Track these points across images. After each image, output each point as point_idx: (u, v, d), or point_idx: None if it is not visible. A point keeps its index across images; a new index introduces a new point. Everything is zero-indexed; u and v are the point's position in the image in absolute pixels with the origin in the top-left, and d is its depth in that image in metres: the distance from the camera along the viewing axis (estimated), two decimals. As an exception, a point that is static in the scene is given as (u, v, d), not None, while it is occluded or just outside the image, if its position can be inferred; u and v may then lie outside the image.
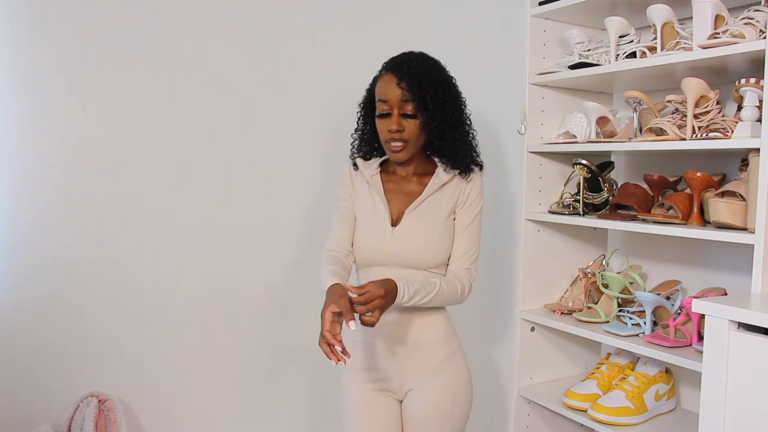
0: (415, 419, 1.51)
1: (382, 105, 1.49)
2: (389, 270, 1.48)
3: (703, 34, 1.42)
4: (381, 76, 1.52)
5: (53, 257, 1.94)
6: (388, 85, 1.47)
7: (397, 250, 1.49)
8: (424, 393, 1.51)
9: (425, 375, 1.51)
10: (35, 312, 1.94)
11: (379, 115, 1.50)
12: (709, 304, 1.13)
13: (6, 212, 1.88)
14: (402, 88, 1.46)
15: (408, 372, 1.51)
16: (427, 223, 1.51)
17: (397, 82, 1.46)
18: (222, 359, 2.24)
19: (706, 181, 1.51)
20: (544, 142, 1.85)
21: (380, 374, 1.53)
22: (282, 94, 2.27)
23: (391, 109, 1.48)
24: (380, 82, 1.51)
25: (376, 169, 1.59)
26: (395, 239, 1.49)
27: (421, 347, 1.51)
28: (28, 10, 1.86)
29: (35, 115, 1.90)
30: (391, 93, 1.47)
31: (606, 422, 1.59)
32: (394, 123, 1.47)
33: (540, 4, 1.78)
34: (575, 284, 1.90)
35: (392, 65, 1.50)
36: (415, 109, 1.47)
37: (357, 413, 1.53)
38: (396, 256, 1.49)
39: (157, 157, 2.07)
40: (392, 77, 1.47)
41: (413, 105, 1.46)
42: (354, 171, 1.62)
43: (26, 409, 1.93)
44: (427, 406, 1.50)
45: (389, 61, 1.53)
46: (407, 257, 1.49)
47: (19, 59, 1.86)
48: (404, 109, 1.47)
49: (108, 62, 1.98)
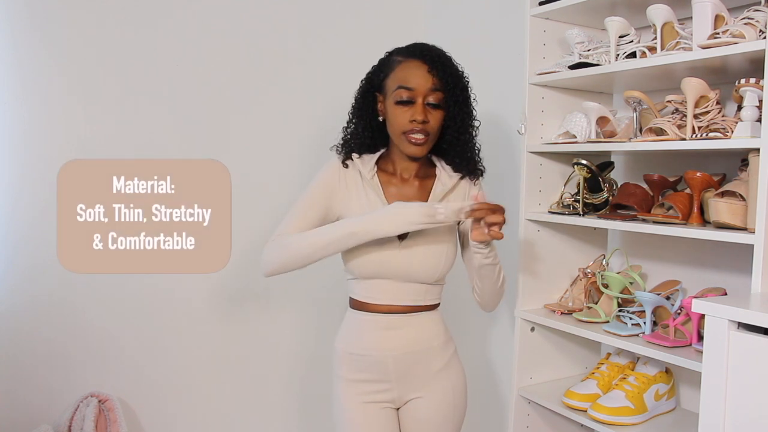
0: (420, 425, 1.49)
1: (405, 92, 1.37)
2: (392, 283, 1.43)
3: (703, 34, 1.42)
4: (402, 62, 1.40)
5: (53, 257, 1.92)
6: (417, 71, 1.37)
7: (405, 266, 1.42)
8: (428, 399, 1.48)
9: (428, 382, 1.48)
10: (35, 312, 1.94)
11: (399, 101, 1.38)
12: (709, 304, 1.13)
13: (6, 212, 1.88)
14: (433, 76, 1.37)
15: (410, 381, 1.47)
16: (437, 237, 1.43)
17: (429, 69, 1.37)
18: (222, 359, 2.24)
19: (706, 181, 1.51)
20: (544, 142, 1.85)
21: (379, 386, 1.47)
22: (282, 94, 2.26)
23: (416, 97, 1.37)
24: (404, 68, 1.39)
25: (374, 168, 1.47)
26: (403, 255, 1.41)
27: (423, 356, 1.47)
28: (28, 10, 1.86)
29: (35, 115, 1.90)
30: (420, 80, 1.37)
31: (606, 422, 1.59)
32: (419, 113, 1.37)
33: (540, 4, 1.78)
34: (575, 284, 1.90)
35: (419, 52, 1.39)
36: (442, 101, 1.39)
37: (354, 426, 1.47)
38: (404, 272, 1.42)
39: (156, 157, 2.06)
40: (421, 64, 1.38)
41: (442, 96, 1.39)
42: (344, 168, 1.47)
43: (26, 409, 1.93)
44: (430, 411, 1.48)
45: (411, 47, 1.41)
46: (416, 273, 1.43)
47: (19, 59, 1.86)
48: (431, 98, 1.38)
49: (108, 62, 1.98)
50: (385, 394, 1.47)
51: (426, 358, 1.48)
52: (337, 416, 1.51)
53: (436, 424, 1.49)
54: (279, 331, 2.33)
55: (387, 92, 1.42)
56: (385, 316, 1.45)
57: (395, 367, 1.45)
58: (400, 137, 1.42)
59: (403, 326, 1.45)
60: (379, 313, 1.45)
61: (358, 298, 1.48)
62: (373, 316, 1.45)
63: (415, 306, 1.46)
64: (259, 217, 2.26)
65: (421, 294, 1.46)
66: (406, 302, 1.45)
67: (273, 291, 2.31)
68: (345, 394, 1.48)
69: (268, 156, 2.26)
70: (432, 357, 1.48)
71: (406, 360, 1.46)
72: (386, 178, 1.48)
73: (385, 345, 1.45)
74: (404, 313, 1.45)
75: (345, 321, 1.53)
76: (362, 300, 1.47)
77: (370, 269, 1.43)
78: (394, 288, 1.42)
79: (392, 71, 1.42)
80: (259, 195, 2.25)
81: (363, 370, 1.47)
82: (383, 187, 1.46)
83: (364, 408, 1.46)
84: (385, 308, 1.45)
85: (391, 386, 1.47)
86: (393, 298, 1.44)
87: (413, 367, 1.47)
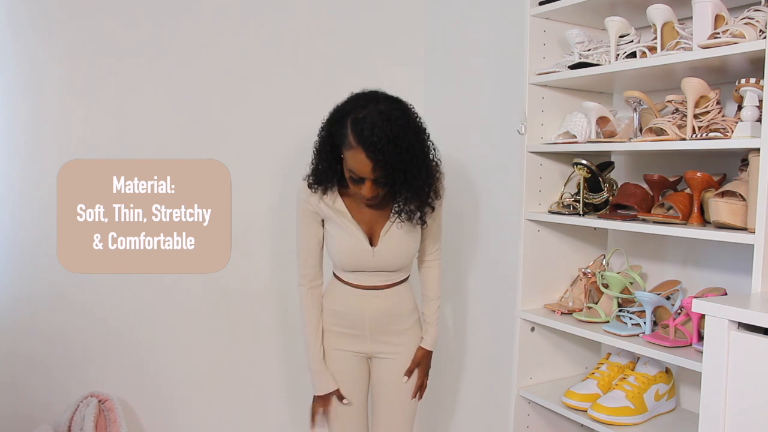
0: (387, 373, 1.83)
1: (354, 175, 1.60)
2: (368, 274, 1.75)
3: (703, 34, 1.42)
4: (351, 148, 1.56)
5: (53, 257, 1.93)
6: (362, 164, 1.56)
7: (377, 265, 1.74)
8: (393, 353, 1.81)
9: (394, 339, 1.81)
10: (35, 312, 1.94)
11: (351, 178, 1.62)
12: (709, 304, 1.13)
13: (6, 213, 1.88)
14: (373, 161, 1.55)
15: (381, 337, 1.80)
16: (402, 240, 1.74)
17: (368, 156, 1.54)
18: (222, 359, 2.24)
19: (706, 181, 1.51)
20: (544, 142, 1.85)
21: (355, 339, 1.79)
22: (282, 94, 2.26)
23: (364, 178, 1.59)
24: (352, 157, 1.57)
25: (336, 194, 1.72)
26: (376, 257, 1.73)
27: (393, 318, 1.80)
28: (28, 10, 1.86)
29: (35, 115, 1.90)
30: (365, 171, 1.57)
31: (606, 422, 1.59)
32: (367, 190, 1.61)
33: (540, 4, 1.78)
34: (575, 284, 1.90)
35: (363, 142, 1.54)
36: (385, 178, 1.59)
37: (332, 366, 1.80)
38: (377, 268, 1.75)
39: (156, 157, 2.06)
40: (363, 155, 1.55)
41: (384, 176, 1.59)
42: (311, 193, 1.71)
43: (26, 409, 1.93)
44: (395, 362, 1.82)
45: (358, 132, 1.55)
46: (387, 268, 1.76)
47: (19, 59, 1.86)
48: (375, 176, 1.58)
49: (108, 62, 1.98)
50: (361, 346, 1.80)
51: (396, 320, 1.80)
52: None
53: (398, 372, 1.83)
54: (279, 331, 2.33)
55: (344, 157, 1.61)
56: (364, 290, 1.77)
57: (370, 325, 1.78)
58: (354, 193, 1.67)
59: (379, 296, 1.78)
60: (359, 288, 1.77)
61: (341, 278, 1.79)
62: (354, 289, 1.77)
63: (389, 284, 1.78)
64: (259, 217, 2.26)
65: (393, 276, 1.79)
66: (381, 283, 1.77)
67: (273, 291, 2.31)
68: (328, 342, 1.81)
69: (269, 156, 2.26)
70: (401, 319, 1.81)
71: (381, 320, 1.78)
72: (350, 199, 1.73)
73: (364, 308, 1.77)
74: (380, 288, 1.77)
75: (331, 285, 1.83)
76: (345, 280, 1.78)
77: (347, 266, 1.76)
78: (371, 276, 1.76)
79: (345, 149, 1.59)
80: (259, 195, 2.25)
81: (345, 325, 1.79)
82: (349, 204, 1.73)
83: (343, 354, 1.81)
84: (365, 287, 1.77)
85: (365, 340, 1.80)
86: (370, 281, 1.77)
87: (385, 326, 1.79)
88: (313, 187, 1.71)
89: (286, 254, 2.32)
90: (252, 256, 2.26)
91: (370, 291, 1.77)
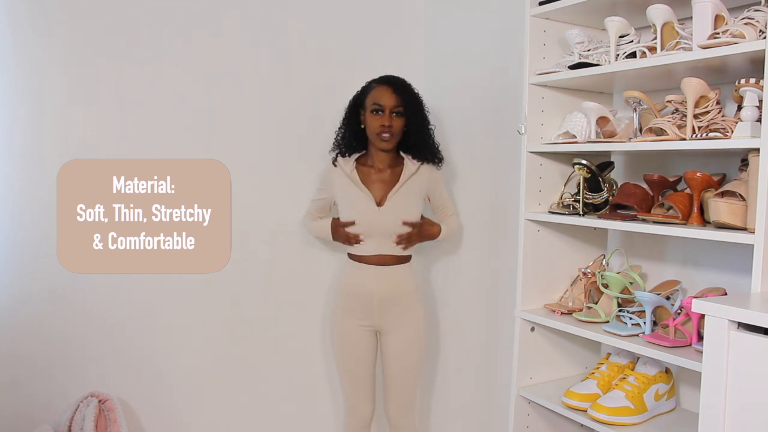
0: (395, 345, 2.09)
1: (377, 106, 2.02)
2: (377, 242, 2.05)
3: (703, 34, 1.42)
4: (375, 87, 2.04)
5: (53, 257, 1.93)
6: (385, 92, 2.02)
7: (383, 224, 2.04)
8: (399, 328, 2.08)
9: (400, 315, 2.07)
10: (35, 312, 1.94)
11: (373, 111, 2.02)
12: (709, 304, 1.13)
13: (6, 213, 1.88)
14: (396, 95, 2.02)
15: (388, 313, 2.06)
16: (406, 202, 2.07)
17: (393, 90, 2.02)
18: (221, 359, 2.24)
19: (706, 181, 1.51)
20: (544, 142, 1.86)
21: (365, 315, 2.06)
22: (282, 94, 2.27)
23: (384, 109, 2.01)
24: (376, 90, 2.04)
25: (353, 164, 2.09)
26: (382, 215, 2.04)
27: (398, 297, 2.07)
28: (28, 10, 1.86)
29: (35, 115, 1.90)
30: (387, 98, 2.01)
31: (606, 422, 1.59)
32: (386, 119, 2.01)
33: (540, 4, 1.78)
34: (575, 284, 1.91)
35: (386, 80, 2.05)
36: (402, 110, 2.02)
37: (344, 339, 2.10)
38: (382, 229, 2.04)
39: (156, 157, 2.06)
40: (388, 87, 2.03)
41: (402, 107, 2.02)
42: (334, 168, 2.11)
43: (26, 409, 1.93)
44: (401, 336, 2.09)
45: (381, 78, 2.06)
46: (390, 228, 2.04)
47: (19, 59, 1.86)
48: (394, 109, 2.02)
49: (108, 62, 1.98)
50: (370, 320, 2.07)
51: (401, 299, 2.08)
52: (334, 333, 2.13)
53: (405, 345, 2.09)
54: (278, 330, 2.33)
55: (366, 107, 2.05)
56: (374, 268, 2.05)
57: (379, 303, 2.05)
58: (375, 137, 2.04)
59: (387, 275, 2.06)
60: (370, 264, 2.05)
61: (354, 253, 2.09)
62: (365, 267, 2.06)
63: (396, 257, 2.06)
64: (259, 217, 2.26)
65: (398, 249, 2.06)
66: (387, 253, 2.05)
67: (273, 291, 2.31)
68: (341, 319, 2.09)
69: (268, 156, 2.26)
70: (405, 298, 2.09)
71: (388, 298, 2.06)
72: (366, 171, 2.10)
73: (374, 288, 2.05)
74: (388, 264, 2.06)
75: (345, 267, 2.13)
76: (358, 254, 2.08)
77: (359, 229, 2.05)
78: (378, 244, 2.04)
79: (370, 92, 2.06)
80: (259, 195, 2.25)
81: (356, 303, 2.07)
82: (363, 177, 2.08)
83: (354, 328, 2.08)
84: (375, 259, 2.05)
85: (374, 316, 2.07)
86: (377, 249, 2.05)
87: (392, 305, 2.06)
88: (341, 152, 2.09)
89: (286, 254, 2.33)
90: (252, 256, 2.26)
91: (380, 269, 2.04)
